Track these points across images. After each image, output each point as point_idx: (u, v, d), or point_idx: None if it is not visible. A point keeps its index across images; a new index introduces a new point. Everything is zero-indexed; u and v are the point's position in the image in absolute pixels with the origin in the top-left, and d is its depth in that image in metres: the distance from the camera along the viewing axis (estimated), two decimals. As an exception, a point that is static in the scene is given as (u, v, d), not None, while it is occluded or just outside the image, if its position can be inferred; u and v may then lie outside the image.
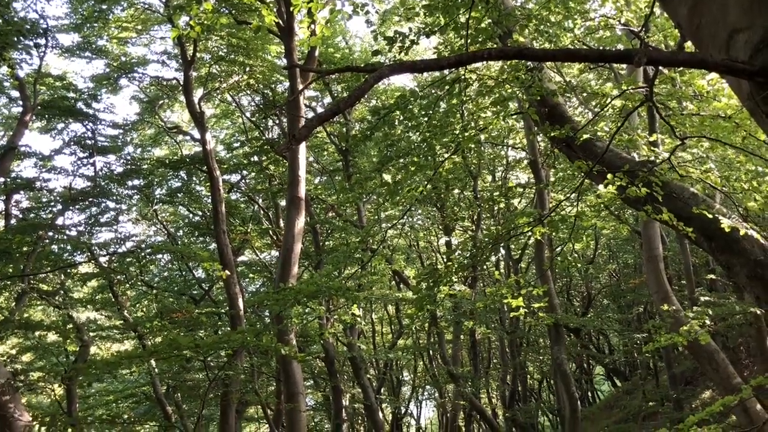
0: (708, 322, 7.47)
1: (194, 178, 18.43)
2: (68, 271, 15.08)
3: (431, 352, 27.89)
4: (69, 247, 14.79)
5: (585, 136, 5.94)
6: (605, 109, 6.34)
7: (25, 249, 13.33)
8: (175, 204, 19.89)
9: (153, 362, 12.11)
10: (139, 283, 18.52)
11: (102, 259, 15.25)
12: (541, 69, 6.71)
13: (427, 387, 38.32)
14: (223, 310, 16.16)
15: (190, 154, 18.14)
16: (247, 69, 15.81)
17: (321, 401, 26.66)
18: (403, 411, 32.85)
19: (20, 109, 13.36)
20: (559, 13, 6.78)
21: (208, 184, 15.03)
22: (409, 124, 6.13)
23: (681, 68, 7.55)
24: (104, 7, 14.19)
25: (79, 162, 15.93)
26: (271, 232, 19.24)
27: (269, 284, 18.89)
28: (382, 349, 25.87)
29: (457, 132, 6.38)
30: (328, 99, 17.86)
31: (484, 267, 23.17)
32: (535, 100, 6.41)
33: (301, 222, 10.84)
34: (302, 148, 11.02)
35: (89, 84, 16.44)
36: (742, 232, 5.55)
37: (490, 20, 5.99)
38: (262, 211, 20.24)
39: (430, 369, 30.16)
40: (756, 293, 6.10)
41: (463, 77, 5.75)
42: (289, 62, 10.58)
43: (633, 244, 21.57)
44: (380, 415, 21.64)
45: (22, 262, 13.10)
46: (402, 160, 6.58)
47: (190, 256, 14.03)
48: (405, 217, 19.40)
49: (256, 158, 18.35)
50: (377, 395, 23.16)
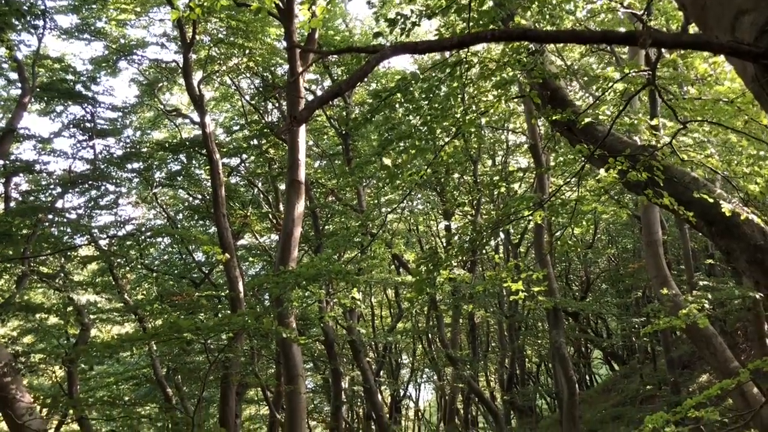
0: (707, 306, 7.49)
1: (194, 162, 18.39)
2: (68, 253, 15.08)
3: (430, 336, 28.02)
4: (69, 230, 14.78)
5: (586, 120, 5.93)
6: (607, 92, 6.32)
7: (24, 232, 13.32)
8: (175, 187, 19.86)
9: (153, 345, 12.16)
10: (139, 266, 18.54)
11: (102, 242, 15.25)
12: (543, 52, 6.68)
13: (426, 370, 38.52)
14: (223, 293, 16.19)
15: (190, 137, 18.10)
16: (247, 52, 15.73)
17: (321, 384, 26.82)
18: (401, 393, 33.06)
19: (19, 92, 13.29)
20: (562, -5, 6.74)
21: (207, 167, 15.00)
22: (410, 108, 6.11)
23: (684, 52, 7.52)
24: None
25: (78, 145, 15.89)
26: (270, 216, 19.23)
27: (269, 268, 18.93)
28: (381, 332, 25.96)
29: (458, 115, 6.36)
30: (328, 83, 17.78)
31: (484, 251, 23.23)
32: (536, 84, 6.38)
33: (300, 206, 10.82)
34: (302, 132, 10.98)
35: (88, 66, 16.35)
36: (742, 217, 5.55)
37: (492, 2, 5.95)
38: (261, 195, 20.22)
39: (428, 352, 30.30)
40: (755, 278, 6.11)
41: (464, 59, 5.72)
42: (288, 44, 10.51)
43: (632, 229, 21.59)
44: (379, 397, 21.76)
45: (22, 245, 13.10)
46: (402, 144, 6.55)
47: (189, 239, 14.04)
48: (405, 201, 19.41)
49: (255, 142, 18.30)
50: (376, 378, 23.27)
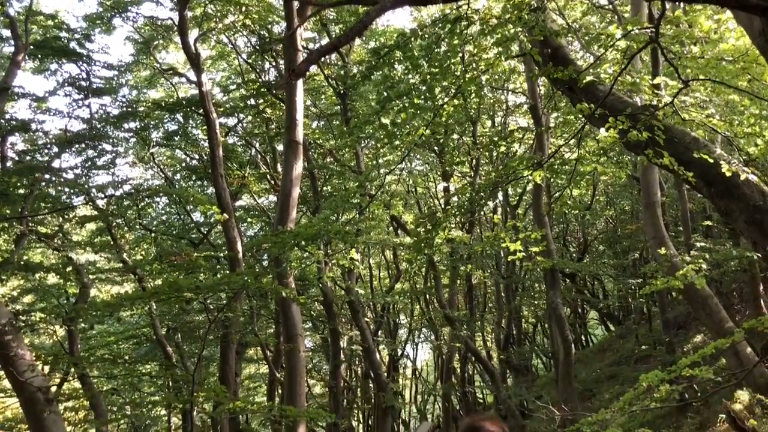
0: (704, 267, 7.52)
1: (191, 122, 18.25)
2: (66, 213, 15.06)
3: (428, 296, 28.23)
4: (66, 190, 14.73)
5: (588, 79, 5.85)
6: (609, 51, 6.23)
7: (22, 191, 13.28)
8: (172, 147, 19.75)
9: (153, 304, 12.23)
10: (138, 227, 18.55)
11: (100, 202, 15.22)
12: (544, 10, 6.57)
13: (424, 330, 38.95)
14: (221, 254, 16.24)
15: (186, 96, 17.91)
16: (243, 9, 15.46)
17: (319, 343, 27.11)
18: (399, 353, 33.46)
19: (12, 49, 13.10)
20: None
21: (204, 127, 14.88)
22: (409, 66, 6.03)
23: (688, 8, 7.40)
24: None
25: (74, 104, 15.71)
26: (268, 177, 19.18)
27: (267, 229, 18.96)
28: (379, 293, 26.14)
29: (458, 74, 6.29)
30: (325, 40, 17.54)
31: (482, 213, 23.26)
32: (537, 42, 6.29)
33: (298, 166, 10.76)
34: (299, 91, 10.87)
35: (82, 23, 16.07)
36: (742, 177, 5.53)
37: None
38: (259, 156, 20.13)
39: (426, 312, 30.57)
40: (753, 238, 6.12)
41: (465, 15, 5.63)
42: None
43: (631, 191, 21.57)
44: (377, 356, 22.02)
45: (19, 205, 13.08)
46: (401, 103, 6.48)
47: (187, 199, 14.01)
48: (403, 162, 19.34)
49: (252, 101, 18.13)
50: (374, 338, 23.51)
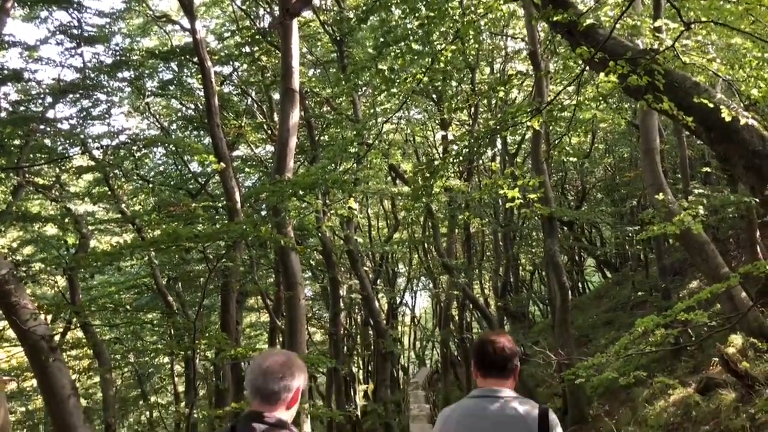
0: (701, 212, 7.54)
1: (185, 70, 17.99)
2: (63, 164, 15.00)
3: (426, 245, 28.38)
4: (62, 140, 14.64)
5: (588, 22, 5.75)
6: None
7: (17, 142, 13.19)
8: (167, 97, 19.54)
9: (153, 254, 12.30)
10: (135, 177, 18.51)
11: (96, 153, 15.13)
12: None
13: (422, 278, 39.35)
14: (220, 204, 16.25)
15: (180, 44, 17.61)
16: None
17: (319, 292, 27.39)
18: (398, 301, 33.87)
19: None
20: None
21: (199, 76, 14.68)
22: (407, 9, 5.91)
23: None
24: None
25: (66, 52, 15.44)
26: (265, 126, 19.04)
27: (265, 179, 18.91)
28: (378, 242, 26.26)
29: (456, 18, 6.17)
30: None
31: (480, 161, 23.19)
32: (537, -16, 6.15)
33: (295, 115, 10.67)
34: (295, 37, 10.68)
35: (71, -31, 15.69)
36: (742, 122, 5.49)
37: None
38: (255, 105, 19.94)
39: (424, 261, 30.80)
40: (751, 184, 6.12)
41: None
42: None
43: (630, 138, 21.47)
44: (376, 304, 22.28)
45: (15, 156, 13.01)
46: (398, 48, 6.38)
47: (184, 149, 13.93)
48: (401, 110, 19.15)
49: (248, 49, 17.85)
50: (373, 286, 23.76)
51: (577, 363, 9.07)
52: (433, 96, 19.07)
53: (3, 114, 13.91)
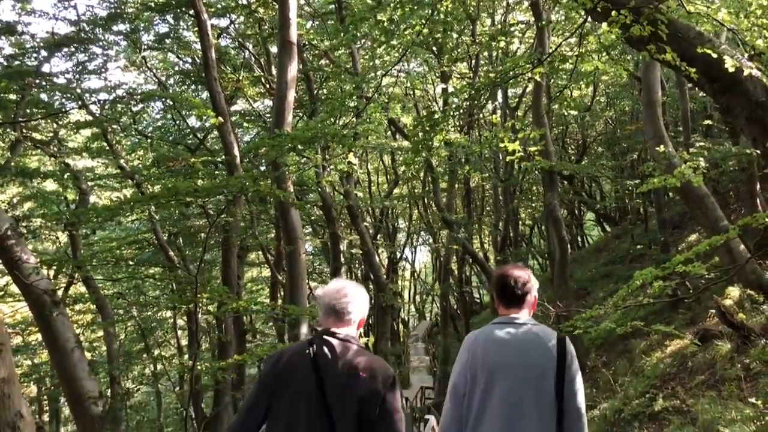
0: (702, 165, 7.52)
1: (182, 23, 17.70)
2: (60, 119, 14.89)
3: (426, 200, 28.42)
4: (58, 95, 14.50)
5: (591, -30, 5.62)
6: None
7: (13, 97, 13.06)
8: (164, 50, 19.27)
9: (153, 209, 12.31)
10: (134, 132, 18.40)
11: (93, 108, 15.00)
12: None
13: (422, 233, 39.53)
14: (219, 159, 16.19)
15: (176, -4, 17.28)
16: None
17: (320, 247, 27.52)
18: (398, 256, 34.09)
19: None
20: None
21: (196, 28, 14.45)
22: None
23: None
24: None
25: (59, 5, 15.17)
26: (263, 80, 18.83)
27: (264, 134, 18.80)
28: (378, 197, 26.27)
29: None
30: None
31: (481, 115, 23.03)
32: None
33: (293, 68, 10.53)
34: (293, -12, 10.47)
35: None
36: (745, 73, 5.42)
37: None
38: (253, 58, 19.68)
39: (424, 216, 30.90)
40: (753, 135, 6.08)
41: None
42: None
43: (632, 91, 21.27)
44: (377, 259, 22.42)
45: (12, 111, 12.90)
46: (398, -2, 6.26)
47: (182, 103, 13.81)
48: (401, 62, 18.91)
49: (244, 1, 17.53)
50: (374, 241, 23.86)
51: (575, 315, 9.17)
52: (434, 48, 18.81)
53: (-3, 68, 13.76)
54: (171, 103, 15.98)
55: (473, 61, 20.09)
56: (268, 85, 18.47)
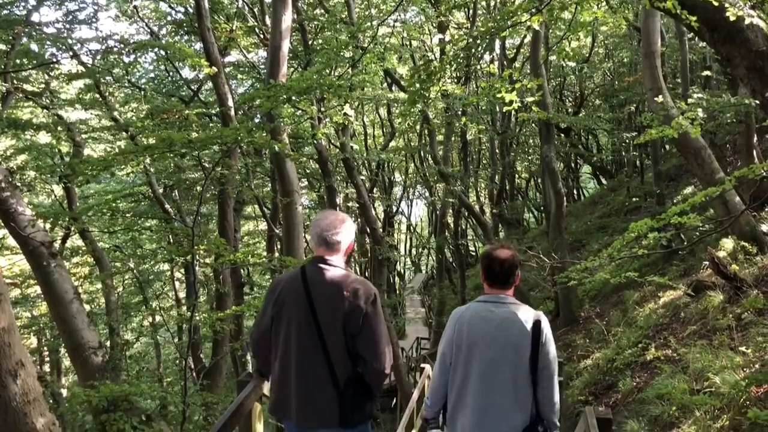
0: (700, 115, 7.48)
1: (173, -29, 17.32)
2: (51, 69, 14.65)
3: (422, 154, 28.31)
4: (49, 45, 14.22)
5: None
6: None
7: (2, 47, 12.82)
8: (156, 0, 18.89)
9: (148, 161, 12.24)
10: (127, 84, 18.16)
11: (84, 58, 14.75)
12: None
13: (418, 187, 39.54)
14: (213, 111, 16.03)
15: (167, -57, 16.87)
16: None
17: (316, 200, 27.51)
18: (394, 210, 34.16)
19: None
20: None
21: (188, -24, 14.14)
22: None
23: None
24: None
25: (47, -48, 14.77)
26: (257, 30, 18.51)
27: (259, 85, 18.57)
28: (374, 150, 26.14)
29: None
30: None
31: (478, 66, 22.75)
32: None
33: (288, 18, 10.36)
34: (286, -66, 10.22)
35: None
36: (747, 21, 5.35)
37: None
38: (246, 8, 19.30)
39: (420, 170, 30.84)
40: (753, 86, 6.03)
41: None
42: None
43: (630, 41, 21.02)
44: (373, 212, 22.45)
45: (1, 61, 12.68)
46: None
47: (175, 53, 13.59)
48: (397, 11, 18.61)
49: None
50: (370, 194, 23.85)
51: (570, 267, 9.25)
52: (431, -2, 18.47)
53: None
54: (164, 53, 15.71)
55: (471, 10, 19.74)
56: (262, 36, 18.17)
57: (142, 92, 18.40)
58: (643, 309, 11.64)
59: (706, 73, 15.00)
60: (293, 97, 9.11)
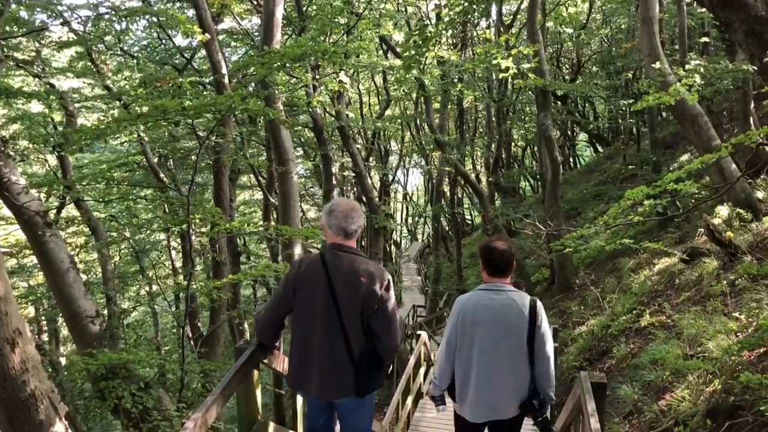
0: (697, 81, 7.42)
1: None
2: (41, 37, 14.43)
3: (418, 122, 28.17)
4: (38, 11, 13.97)
5: None
6: None
7: (-9, 14, 12.59)
8: (147, -35, 18.51)
9: (142, 130, 12.15)
10: (119, 51, 17.93)
11: (76, 25, 14.51)
12: None
13: (414, 156, 39.42)
14: (207, 80, 15.85)
15: None
16: None
17: (311, 169, 27.42)
18: (390, 179, 34.09)
19: None
20: None
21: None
22: None
23: None
24: None
25: None
26: (251, -4, 18.23)
27: (253, 53, 18.36)
28: (369, 119, 25.99)
29: None
30: None
31: (474, 33, 22.52)
32: None
33: (282, -18, 10.19)
34: None
35: None
36: (746, -15, 5.28)
37: None
38: (240, -27, 18.98)
39: (416, 138, 30.71)
40: (751, 51, 5.98)
41: None
42: None
43: (628, 7, 20.79)
44: (369, 181, 22.40)
45: (-9, 29, 12.47)
46: None
47: (167, 20, 13.38)
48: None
49: None
50: (366, 163, 23.77)
51: (565, 234, 9.27)
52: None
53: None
54: (156, 20, 15.46)
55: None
56: (255, 2, 17.90)
57: (135, 60, 18.17)
58: (637, 276, 11.71)
59: (704, 39, 14.88)
60: (287, 64, 9.00)
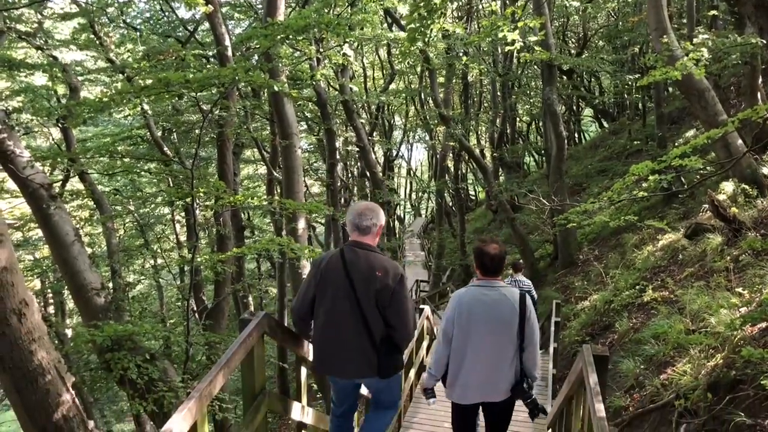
0: (705, 56, 7.34)
1: None
2: (44, 8, 14.32)
3: (423, 96, 27.98)
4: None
5: None
6: None
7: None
8: (149, -64, 18.31)
9: (145, 102, 12.09)
10: (122, 24, 17.80)
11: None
12: None
13: (418, 130, 39.24)
14: (210, 53, 15.75)
15: None
16: None
17: (315, 144, 27.35)
18: (394, 154, 33.98)
19: None
20: None
21: None
22: None
23: None
24: None
25: None
26: (254, -32, 18.04)
27: (256, 26, 18.19)
28: (373, 93, 25.83)
29: None
30: None
31: (480, 4, 22.27)
32: None
33: (285, -47, 10.08)
34: None
35: None
36: (757, -44, 5.20)
37: None
38: (243, -56, 18.77)
39: (421, 112, 30.54)
40: (760, 24, 5.92)
41: None
42: None
43: (637, -20, 20.51)
44: (372, 156, 22.34)
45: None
46: None
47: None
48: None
49: None
50: (369, 138, 23.69)
51: (569, 210, 9.25)
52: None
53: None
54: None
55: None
56: (259, -26, 17.72)
57: (138, 33, 18.05)
58: (641, 251, 11.71)
59: (713, 12, 14.70)
60: (291, 36, 8.93)
